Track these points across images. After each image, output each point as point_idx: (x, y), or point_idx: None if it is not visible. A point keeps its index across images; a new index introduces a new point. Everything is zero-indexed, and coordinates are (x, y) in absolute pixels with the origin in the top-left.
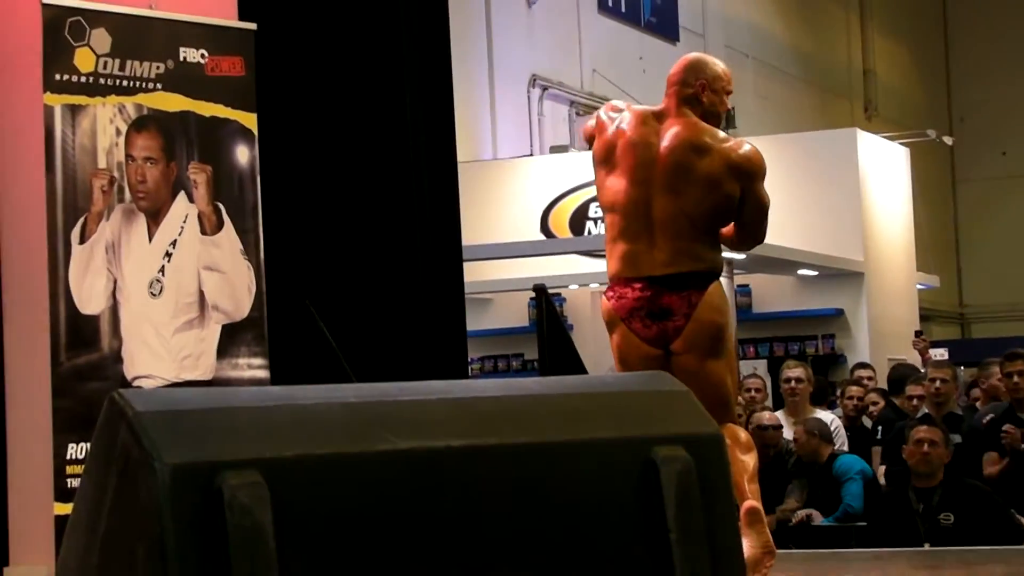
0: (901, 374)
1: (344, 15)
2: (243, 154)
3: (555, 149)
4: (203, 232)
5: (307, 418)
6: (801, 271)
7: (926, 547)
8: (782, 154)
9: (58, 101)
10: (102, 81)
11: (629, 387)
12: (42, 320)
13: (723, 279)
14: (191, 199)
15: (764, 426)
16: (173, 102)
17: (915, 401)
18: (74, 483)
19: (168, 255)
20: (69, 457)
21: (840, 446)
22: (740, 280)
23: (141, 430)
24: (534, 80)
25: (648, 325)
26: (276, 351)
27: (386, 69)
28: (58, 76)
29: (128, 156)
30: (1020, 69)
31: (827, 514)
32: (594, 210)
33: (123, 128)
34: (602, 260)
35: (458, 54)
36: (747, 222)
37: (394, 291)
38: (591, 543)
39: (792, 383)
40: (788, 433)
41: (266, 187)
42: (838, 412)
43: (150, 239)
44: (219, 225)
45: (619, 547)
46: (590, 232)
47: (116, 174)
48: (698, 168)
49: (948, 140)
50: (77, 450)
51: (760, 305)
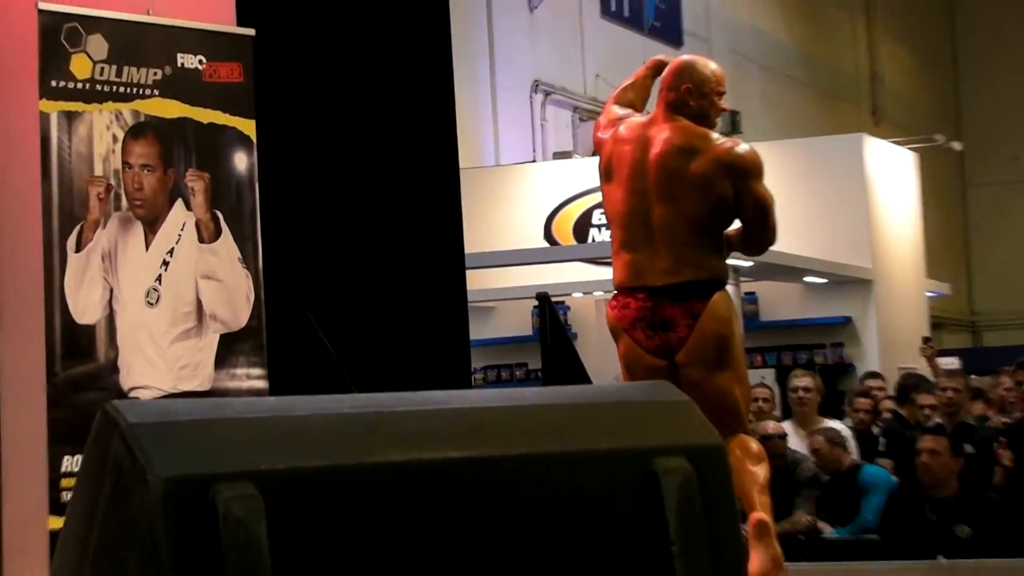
0: (909, 383)
1: (344, 20)
2: (241, 161)
3: (558, 155)
4: (201, 240)
5: (302, 429)
6: (808, 278)
7: (940, 560)
8: (789, 160)
9: (54, 108)
10: (99, 87)
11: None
12: (37, 330)
13: (729, 287)
14: (188, 207)
15: (768, 435)
16: (171, 108)
17: (927, 411)
18: (69, 496)
19: (165, 264)
20: (64, 470)
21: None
22: (747, 288)
23: (134, 442)
24: (536, 85)
25: (651, 336)
26: (275, 361)
27: (387, 75)
28: (54, 83)
29: (125, 163)
30: None
31: (839, 525)
32: (598, 217)
33: (120, 135)
34: (606, 268)
35: (460, 59)
36: (749, 222)
37: (396, 299)
38: (592, 556)
39: (800, 392)
40: (795, 443)
41: (265, 194)
42: (847, 422)
43: (147, 247)
44: (217, 233)
45: (621, 559)
46: (594, 239)
47: (113, 181)
48: (689, 171)
49: (957, 145)
50: (72, 462)
51: (767, 313)
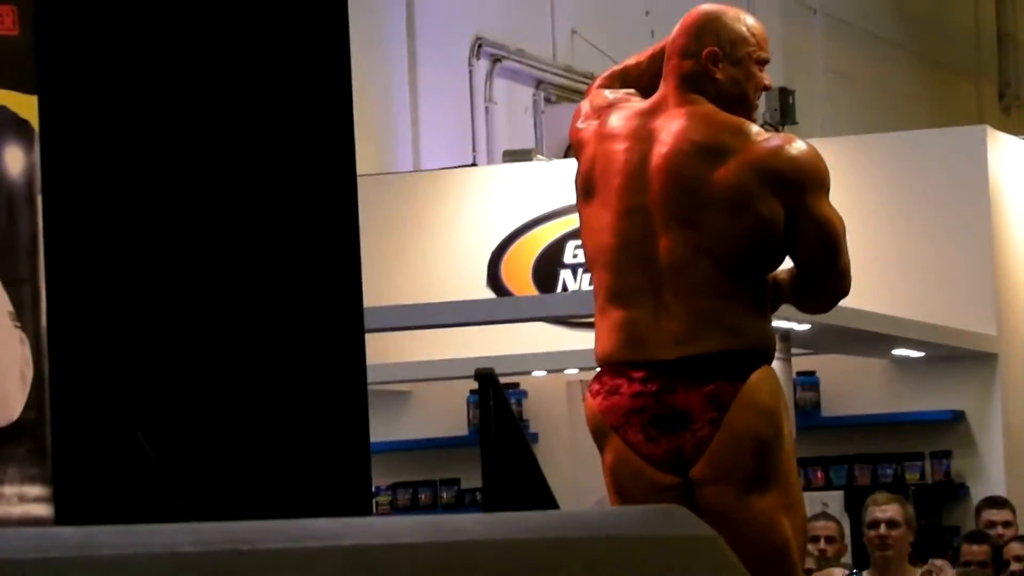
0: None
1: None
2: (15, 159)
3: (511, 156)
4: None
5: None
6: (899, 351)
7: None
8: (869, 166)
9: None
10: None
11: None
12: None
13: (776, 363)
14: None
15: None
16: None
17: None
18: None
19: None
20: None
21: None
22: (802, 365)
23: None
24: (479, 46)
25: (654, 437)
26: (65, 474)
27: (245, 30)
28: None
29: None
30: None
31: None
32: (572, 251)
33: None
34: (583, 331)
35: (358, 2)
36: (808, 262)
37: (255, 379)
38: None
39: (882, 528)
40: None
41: (53, 212)
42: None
43: None
44: None
45: None
46: (566, 287)
47: None
48: (715, 181)
49: None
50: None
51: (834, 405)
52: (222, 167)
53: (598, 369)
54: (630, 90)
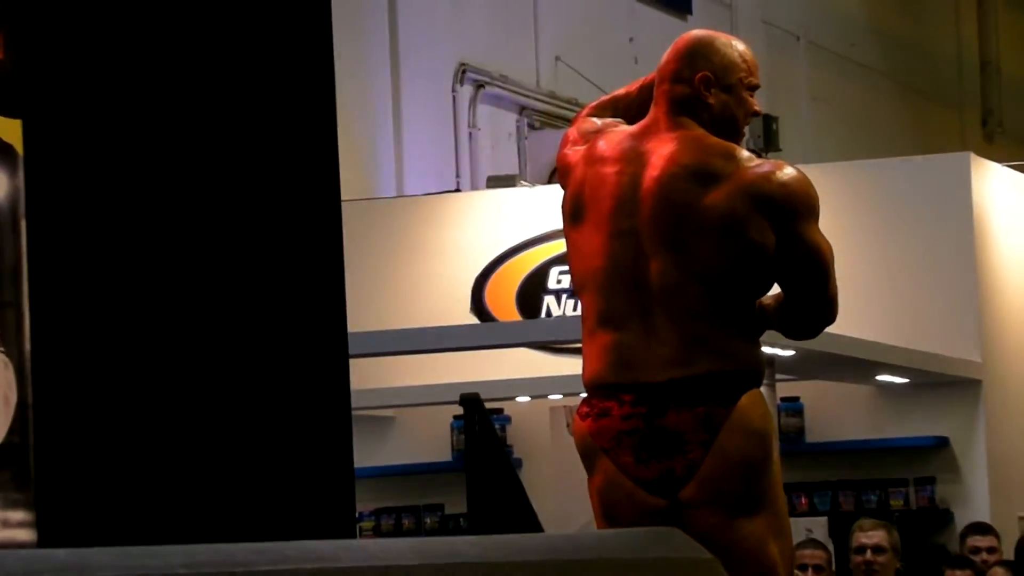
0: None
1: None
2: None
3: (495, 181)
4: None
5: None
6: (883, 377)
7: None
8: (852, 194)
9: None
10: None
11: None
12: None
13: (763, 388)
14: None
15: None
16: None
17: None
18: None
19: None
20: None
21: None
22: (786, 391)
23: None
24: (463, 72)
25: (645, 459)
26: (48, 499)
27: (228, 51)
28: None
29: None
30: None
31: None
32: (557, 277)
33: None
34: (567, 357)
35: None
36: (796, 287)
37: (240, 403)
38: None
39: (869, 554)
40: None
41: (38, 237)
42: None
43: None
44: None
45: None
46: (550, 312)
47: None
48: (705, 205)
49: None
50: None
51: (819, 431)
52: (206, 192)
53: (584, 393)
54: (618, 119)
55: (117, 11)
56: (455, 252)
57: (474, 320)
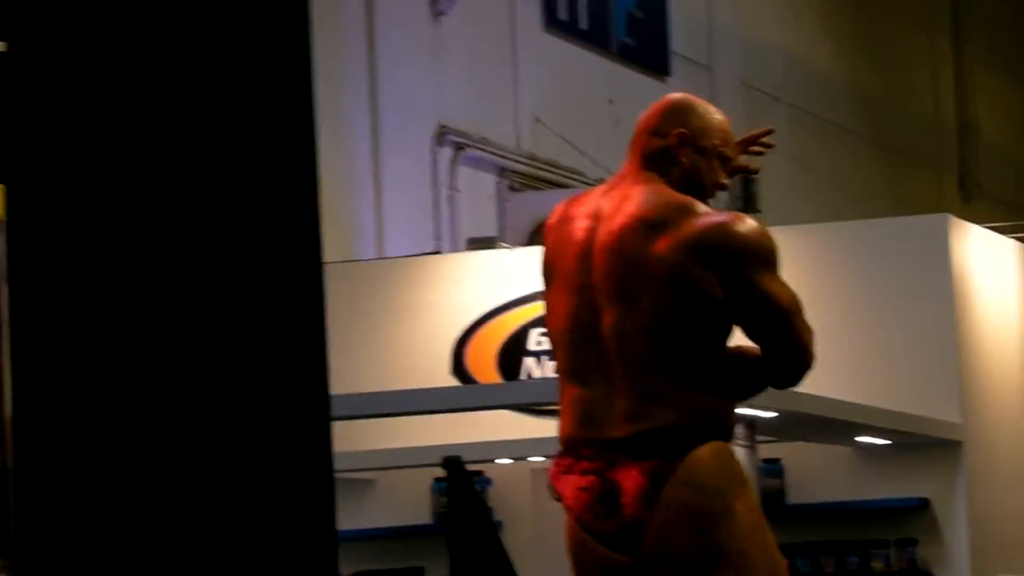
0: None
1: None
2: None
3: (475, 243)
4: None
5: None
6: (864, 438)
7: None
8: (831, 255)
9: None
10: None
11: None
12: None
13: (741, 450)
14: None
15: None
16: None
17: None
18: None
19: None
20: None
21: None
22: (767, 452)
23: None
24: (442, 134)
25: (601, 514)
26: (27, 564)
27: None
28: None
29: None
30: None
31: None
32: (537, 339)
33: None
34: (548, 419)
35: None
36: (754, 338)
37: (222, 465)
38: None
39: None
40: None
41: (18, 301)
42: None
43: None
44: None
45: None
46: (530, 375)
47: None
48: (652, 256)
49: None
50: None
51: (800, 492)
52: (188, 256)
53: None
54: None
55: (99, 76)
56: (435, 314)
57: (454, 382)
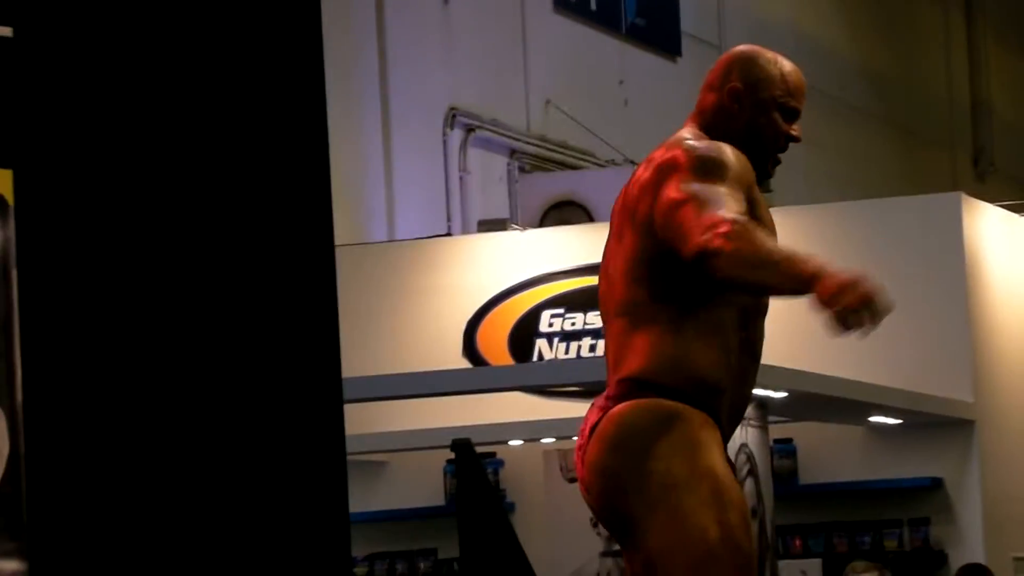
0: None
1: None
2: None
3: (486, 225)
4: None
5: None
6: (876, 418)
7: None
8: (842, 233)
9: None
10: None
11: None
12: None
13: (753, 431)
14: None
15: None
16: None
17: None
18: None
19: None
20: None
21: None
22: (779, 433)
23: None
24: (453, 116)
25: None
26: (40, 549)
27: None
28: None
29: None
30: None
31: None
32: (548, 320)
33: None
34: (559, 400)
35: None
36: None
37: (234, 448)
38: None
39: None
40: None
41: (28, 286)
42: None
43: None
44: None
45: None
46: (541, 356)
47: None
48: (629, 192)
49: None
50: None
51: (812, 472)
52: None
53: (576, 438)
54: None
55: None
56: (446, 296)
57: (466, 364)
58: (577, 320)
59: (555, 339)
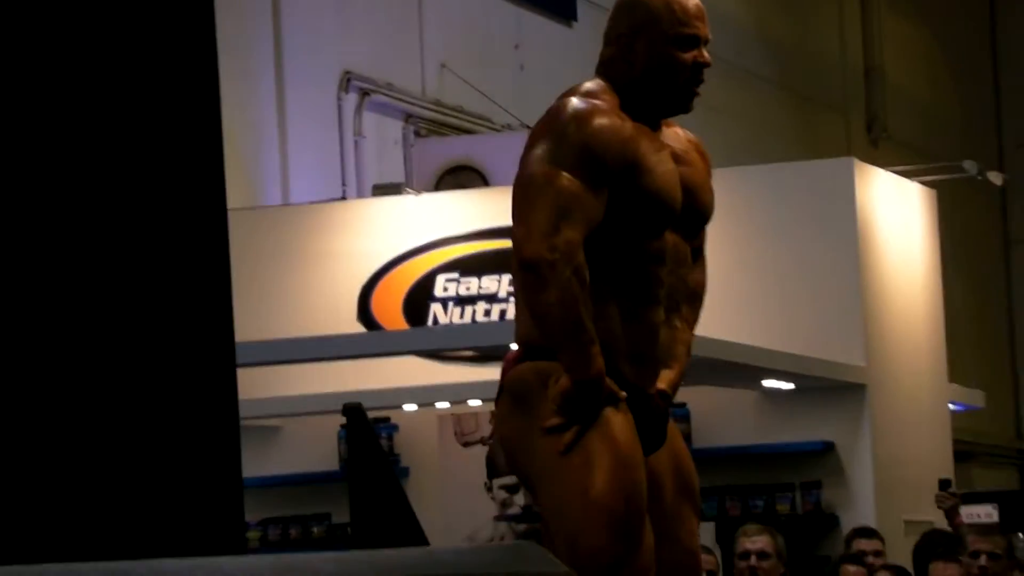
0: (920, 546)
1: None
2: None
3: (381, 189)
4: None
5: None
6: (769, 382)
7: None
8: (737, 198)
9: None
10: None
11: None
12: None
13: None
14: None
15: None
16: None
17: None
18: None
19: None
20: None
21: None
22: None
23: None
24: (348, 80)
25: None
26: None
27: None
28: None
29: None
30: None
31: None
32: (443, 285)
33: None
34: (454, 365)
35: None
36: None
37: (125, 414)
38: None
39: (753, 559)
40: None
41: None
42: None
43: None
44: None
45: None
46: (437, 320)
47: None
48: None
49: (996, 178)
50: None
51: (705, 436)
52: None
53: (472, 403)
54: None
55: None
56: (341, 260)
57: (360, 329)
58: (472, 285)
59: (450, 304)
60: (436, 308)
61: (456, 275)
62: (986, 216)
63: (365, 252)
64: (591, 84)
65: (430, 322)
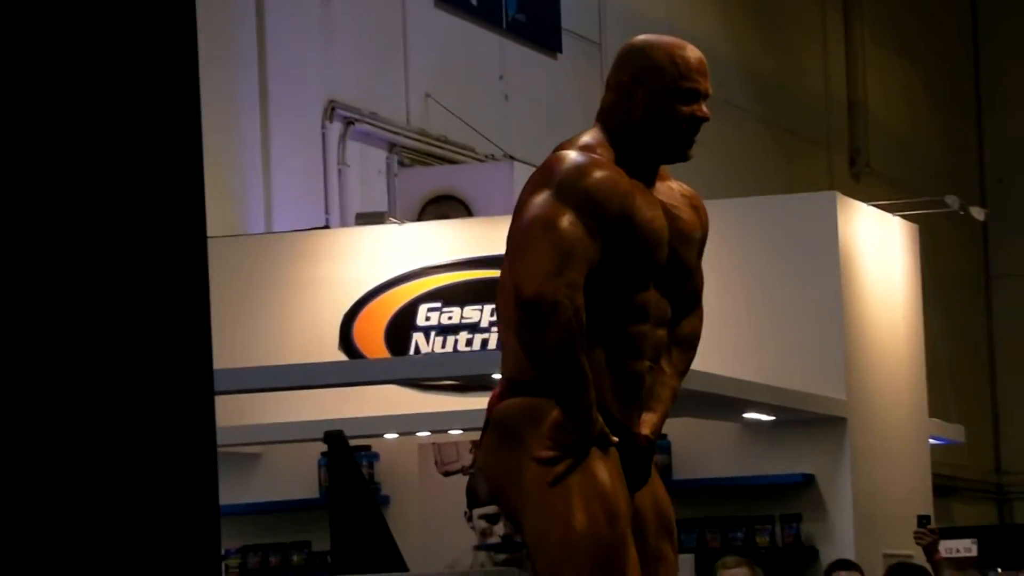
0: None
1: None
2: None
3: (365, 219)
4: None
5: None
6: (750, 415)
7: None
8: (724, 230)
9: None
10: None
11: None
12: None
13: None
14: None
15: None
16: None
17: None
18: None
19: None
20: None
21: None
22: None
23: None
24: (332, 109)
25: None
26: None
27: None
28: None
29: None
30: None
31: None
32: (425, 314)
33: None
34: (435, 394)
35: (212, 63)
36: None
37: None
38: None
39: None
40: None
41: None
42: None
43: None
44: None
45: None
46: (418, 349)
47: None
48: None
49: (979, 213)
50: None
51: (685, 468)
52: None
53: (453, 432)
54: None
55: None
56: (324, 288)
57: (342, 357)
58: (454, 314)
59: (432, 333)
60: (418, 337)
61: (438, 304)
62: (967, 251)
63: (348, 280)
64: (588, 137)
65: (412, 351)
